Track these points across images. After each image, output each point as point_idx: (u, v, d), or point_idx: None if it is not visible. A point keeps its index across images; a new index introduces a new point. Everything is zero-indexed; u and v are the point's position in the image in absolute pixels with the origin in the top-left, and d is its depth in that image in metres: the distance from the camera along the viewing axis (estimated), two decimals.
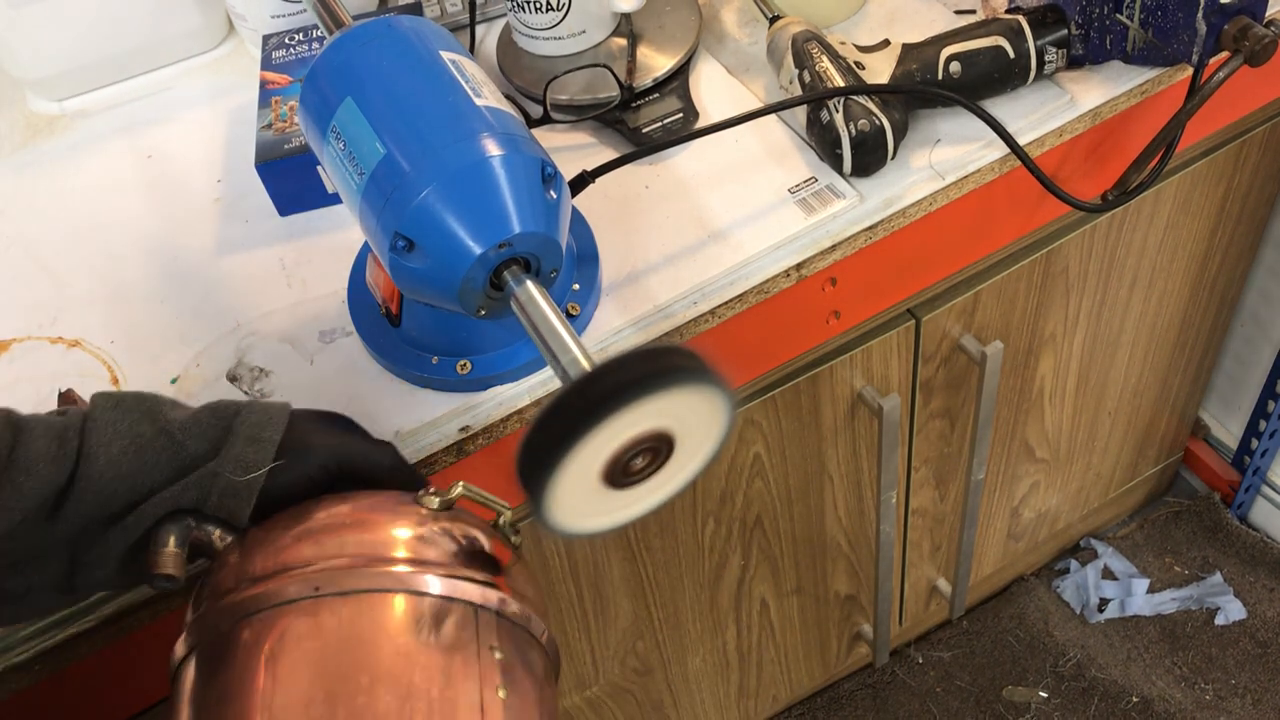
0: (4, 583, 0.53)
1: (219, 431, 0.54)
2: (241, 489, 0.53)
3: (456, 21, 0.91)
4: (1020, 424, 1.16)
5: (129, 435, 0.53)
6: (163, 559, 0.52)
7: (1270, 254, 1.25)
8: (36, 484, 0.51)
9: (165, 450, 0.53)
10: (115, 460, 0.52)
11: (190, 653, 0.51)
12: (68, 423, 0.53)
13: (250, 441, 0.54)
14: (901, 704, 1.45)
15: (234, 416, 0.55)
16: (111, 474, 0.52)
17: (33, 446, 0.51)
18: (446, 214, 0.55)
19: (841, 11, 0.86)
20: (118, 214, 0.83)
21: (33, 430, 0.52)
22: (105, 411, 0.54)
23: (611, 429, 0.44)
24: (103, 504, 0.52)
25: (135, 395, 0.55)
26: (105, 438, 0.53)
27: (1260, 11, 0.72)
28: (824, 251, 0.74)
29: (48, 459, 0.51)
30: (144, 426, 0.53)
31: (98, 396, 0.55)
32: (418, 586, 0.50)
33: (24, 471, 0.50)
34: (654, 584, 1.00)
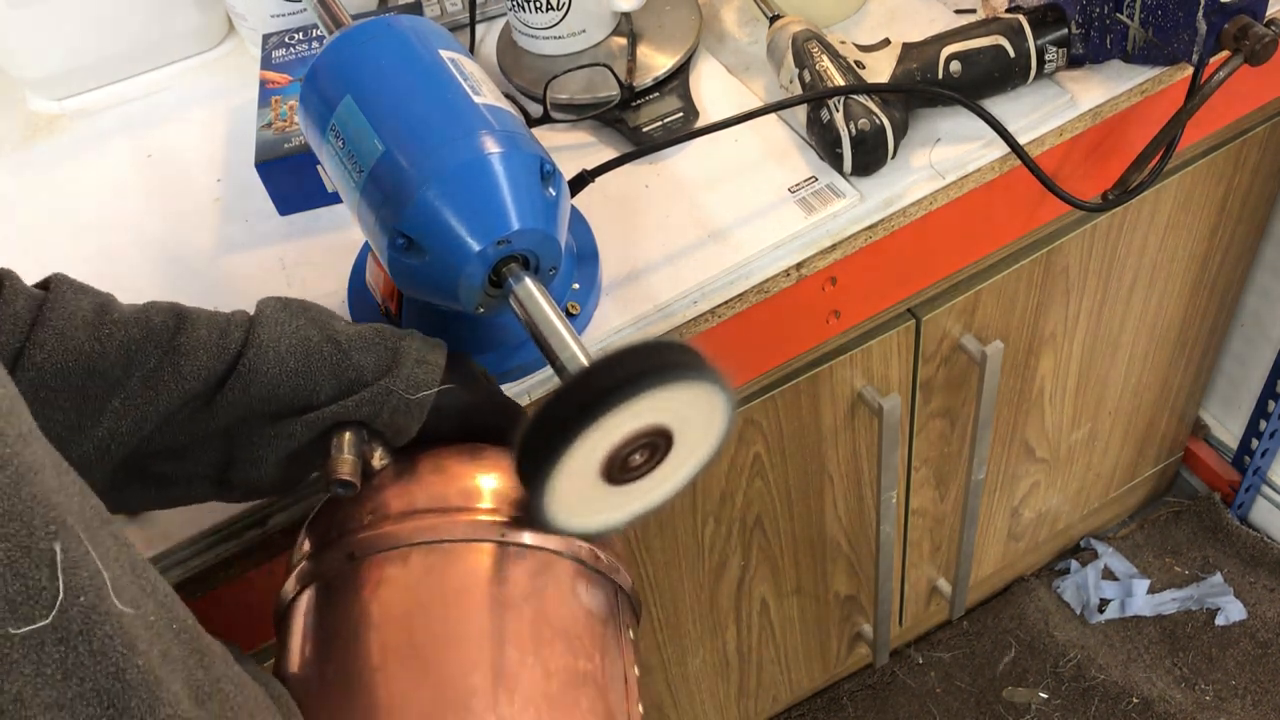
0: (160, 466, 0.54)
1: (385, 351, 0.55)
2: (413, 406, 0.54)
3: (456, 21, 0.91)
4: (1020, 424, 1.16)
5: (297, 336, 0.54)
6: (341, 464, 0.52)
7: (1271, 253, 1.25)
8: (197, 369, 0.52)
9: (331, 357, 0.54)
10: (283, 358, 0.53)
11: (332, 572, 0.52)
12: (232, 317, 0.55)
13: (419, 363, 0.55)
14: (901, 705, 1.45)
15: (400, 339, 0.56)
16: (278, 370, 0.53)
17: (195, 334, 0.53)
18: (445, 211, 0.55)
19: (841, 11, 0.86)
20: (118, 214, 0.83)
21: (196, 320, 0.54)
22: (275, 311, 0.55)
23: (610, 424, 0.44)
24: (265, 398, 0.53)
25: (301, 302, 0.57)
26: (274, 335, 0.54)
27: (1260, 11, 0.72)
28: (824, 251, 0.74)
29: (209, 347, 0.53)
30: (311, 331, 0.55)
31: (266, 299, 0.57)
32: (582, 555, 0.53)
33: (186, 356, 0.52)
34: (654, 584, 1.00)
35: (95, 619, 0.33)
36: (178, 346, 0.52)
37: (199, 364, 0.52)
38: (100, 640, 0.33)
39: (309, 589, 0.53)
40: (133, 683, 0.33)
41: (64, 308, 0.52)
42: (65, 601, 0.32)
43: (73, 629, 0.32)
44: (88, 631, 0.32)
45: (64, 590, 0.32)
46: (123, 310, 0.54)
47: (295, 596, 0.54)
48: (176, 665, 0.37)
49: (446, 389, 0.56)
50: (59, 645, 0.31)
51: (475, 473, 0.54)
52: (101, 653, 0.33)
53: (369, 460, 0.54)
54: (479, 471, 0.54)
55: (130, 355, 0.52)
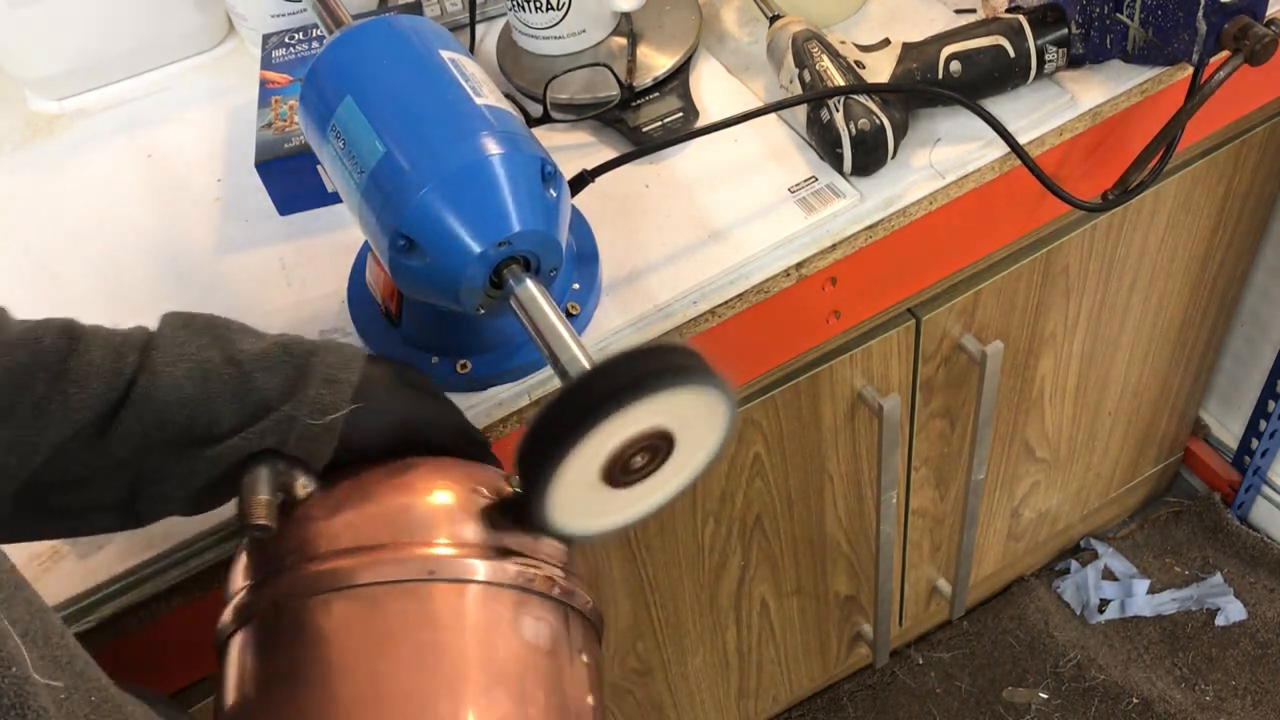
0: (58, 498, 0.51)
1: (292, 370, 0.52)
2: (320, 432, 0.51)
3: (456, 21, 0.91)
4: (1020, 424, 1.16)
5: (195, 359, 0.51)
6: (255, 507, 0.49)
7: (1271, 253, 1.25)
8: (87, 397, 0.49)
9: (232, 381, 0.51)
10: (178, 383, 0.50)
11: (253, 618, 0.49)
12: (129, 337, 0.51)
13: (326, 383, 0.52)
14: (901, 705, 1.45)
15: (309, 356, 0.52)
16: (173, 396, 0.50)
17: (87, 357, 0.50)
18: (446, 212, 0.55)
19: (841, 11, 0.86)
20: (118, 213, 0.83)
21: (90, 341, 0.50)
22: (174, 330, 0.52)
23: (611, 428, 0.44)
24: (160, 426, 0.50)
25: (207, 318, 0.54)
26: (170, 358, 0.50)
27: (1260, 11, 0.72)
28: (824, 251, 0.74)
29: (101, 372, 0.49)
30: (212, 353, 0.51)
31: (168, 315, 0.53)
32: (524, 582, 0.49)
33: (76, 383, 0.49)
34: (654, 584, 1.00)
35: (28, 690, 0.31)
36: (67, 372, 0.49)
37: (90, 392, 0.49)
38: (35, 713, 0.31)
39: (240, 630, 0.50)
40: None
41: None
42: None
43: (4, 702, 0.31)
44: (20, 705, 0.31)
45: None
46: (11, 330, 0.50)
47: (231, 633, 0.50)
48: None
49: (363, 408, 0.52)
50: None
51: (406, 497, 0.51)
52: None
53: (291, 490, 0.51)
54: (410, 495, 0.51)
55: (16, 382, 0.48)
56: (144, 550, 0.64)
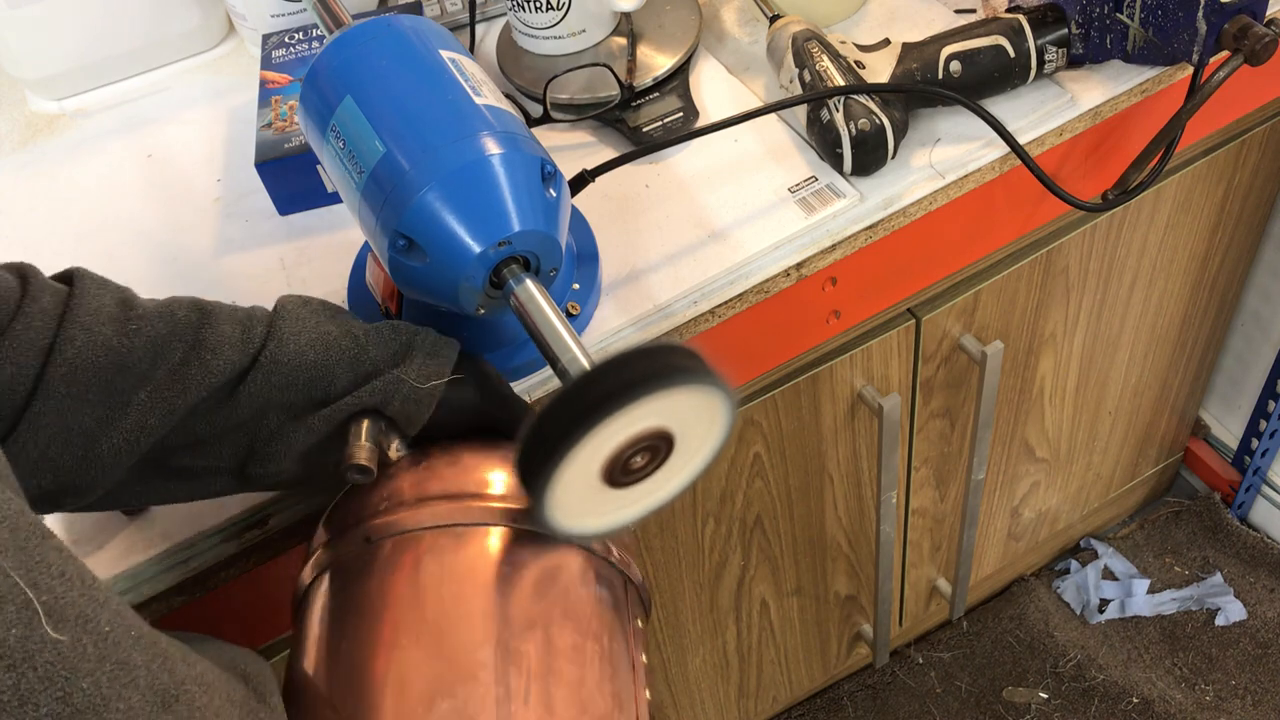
0: (182, 459, 0.55)
1: (399, 345, 0.57)
2: (423, 396, 0.56)
3: (456, 21, 0.91)
4: (1020, 424, 1.16)
5: (316, 330, 0.56)
6: (358, 451, 0.54)
7: (1270, 253, 1.25)
8: (222, 362, 0.53)
9: (349, 350, 0.56)
10: (303, 350, 0.55)
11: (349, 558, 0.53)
12: (253, 313, 0.56)
13: (431, 356, 0.57)
14: (901, 705, 1.45)
15: (414, 335, 0.58)
16: (297, 361, 0.55)
17: (219, 329, 0.54)
18: (446, 213, 0.55)
19: (841, 11, 0.86)
20: (118, 214, 0.83)
21: (219, 314, 0.55)
22: (296, 308, 0.57)
23: (611, 428, 0.44)
24: (285, 388, 0.55)
25: (322, 301, 0.59)
26: (295, 328, 0.56)
27: (1260, 11, 0.72)
28: (824, 251, 0.74)
29: (233, 341, 0.54)
30: (330, 326, 0.57)
31: (287, 295, 0.59)
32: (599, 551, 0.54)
33: (211, 350, 0.53)
34: (654, 584, 1.00)
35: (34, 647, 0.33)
36: (202, 340, 0.54)
37: (224, 358, 0.53)
38: (44, 667, 0.33)
39: (325, 575, 0.54)
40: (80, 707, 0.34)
41: (89, 303, 0.53)
42: None
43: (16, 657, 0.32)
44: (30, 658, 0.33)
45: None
46: (145, 305, 0.55)
47: (312, 582, 0.55)
48: (138, 673, 0.37)
49: (456, 381, 0.57)
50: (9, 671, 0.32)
51: (487, 463, 0.56)
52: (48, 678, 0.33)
53: (385, 450, 0.56)
54: (491, 462, 0.56)
55: (157, 349, 0.53)
56: (144, 550, 0.64)
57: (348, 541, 0.54)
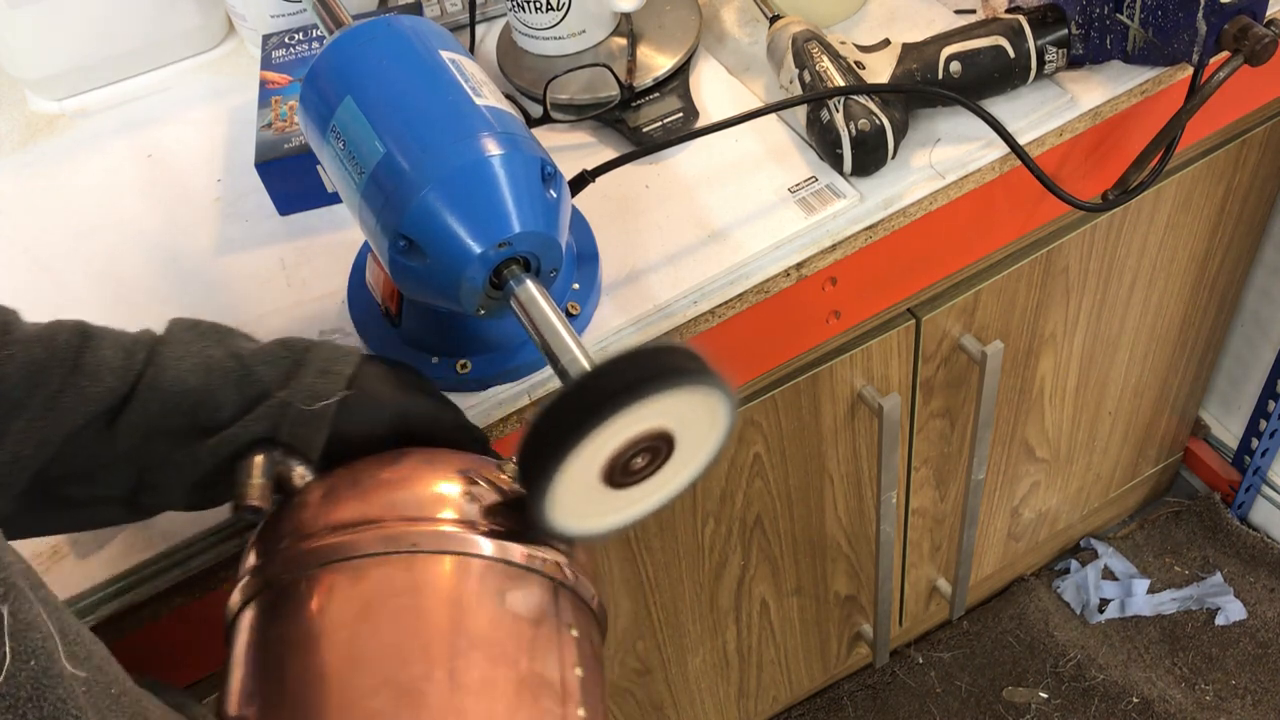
0: (66, 489, 0.53)
1: (289, 363, 0.54)
2: (312, 419, 0.53)
3: (456, 21, 0.91)
4: (1020, 424, 1.16)
5: (199, 355, 0.54)
6: (250, 490, 0.51)
7: (1270, 253, 1.25)
8: (100, 391, 0.51)
9: (233, 372, 0.53)
10: (183, 376, 0.53)
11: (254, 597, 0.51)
12: (138, 338, 0.54)
13: (321, 373, 0.54)
14: (901, 705, 1.45)
15: (305, 351, 0.55)
16: (178, 387, 0.52)
17: (100, 354, 0.52)
18: (446, 213, 0.55)
19: (841, 11, 0.86)
20: (118, 214, 0.83)
21: (102, 340, 0.53)
22: (181, 331, 0.55)
23: (611, 429, 0.44)
24: (164, 415, 0.52)
25: (213, 324, 0.57)
26: (176, 354, 0.53)
27: (1260, 11, 0.72)
28: (824, 251, 0.74)
29: (113, 368, 0.52)
30: (216, 350, 0.54)
31: (175, 319, 0.56)
32: (507, 556, 0.50)
33: (89, 377, 0.51)
34: (654, 584, 1.00)
35: (46, 683, 0.32)
36: (81, 366, 0.51)
37: (103, 385, 0.51)
38: (52, 705, 0.32)
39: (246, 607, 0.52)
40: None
41: None
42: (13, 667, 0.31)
43: (21, 695, 0.31)
44: (38, 697, 0.32)
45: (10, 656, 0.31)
46: (25, 329, 0.53)
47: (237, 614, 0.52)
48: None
49: (359, 396, 0.54)
50: (7, 712, 0.31)
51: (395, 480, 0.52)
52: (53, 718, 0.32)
53: (289, 480, 0.53)
54: (399, 478, 0.52)
55: (33, 376, 0.51)
56: (144, 550, 0.64)
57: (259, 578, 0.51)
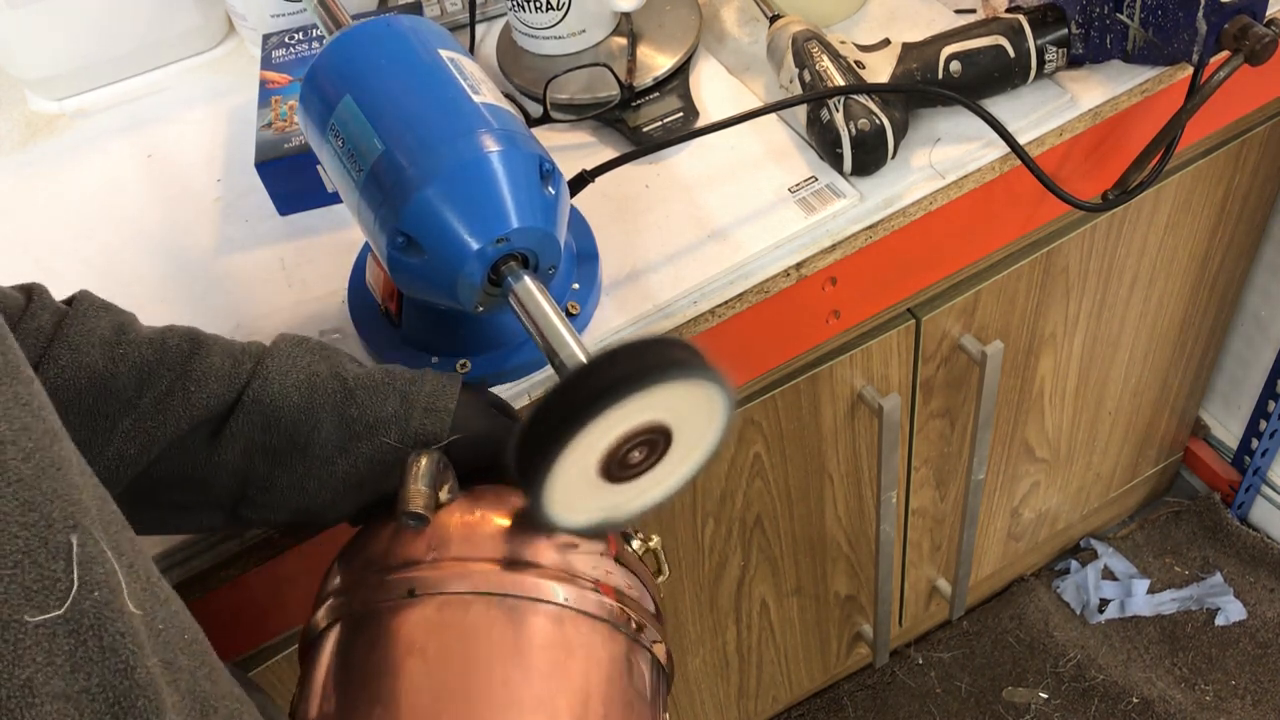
0: (169, 493, 0.54)
1: (393, 394, 0.55)
2: None
3: (456, 21, 0.91)
4: (1020, 424, 1.16)
5: (305, 370, 0.54)
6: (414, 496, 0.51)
7: (1271, 253, 1.25)
8: (206, 397, 0.52)
9: (336, 393, 0.54)
10: (286, 390, 0.53)
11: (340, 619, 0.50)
12: (246, 348, 0.55)
13: (428, 412, 0.55)
14: (901, 705, 1.45)
15: (410, 384, 0.55)
16: (281, 401, 0.53)
17: (209, 361, 0.53)
18: (444, 210, 0.55)
19: (841, 11, 0.86)
20: (118, 213, 0.83)
21: (212, 347, 0.54)
22: (288, 346, 0.55)
23: (608, 421, 0.44)
24: (265, 429, 0.53)
25: (321, 342, 0.57)
26: (283, 367, 0.54)
27: (1260, 11, 0.72)
28: (824, 251, 0.74)
29: (220, 375, 0.53)
30: (321, 366, 0.55)
31: (284, 334, 0.57)
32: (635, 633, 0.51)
33: (196, 383, 0.52)
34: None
35: (108, 615, 0.33)
36: (190, 372, 0.52)
37: (209, 391, 0.52)
38: (111, 637, 0.33)
39: (339, 623, 0.51)
40: (141, 683, 0.33)
41: (83, 325, 0.52)
42: (79, 595, 0.32)
43: (84, 623, 0.32)
44: (99, 627, 0.32)
45: (78, 583, 0.32)
46: (140, 331, 0.54)
47: (325, 629, 0.52)
48: (182, 675, 0.37)
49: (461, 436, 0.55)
50: (70, 638, 0.32)
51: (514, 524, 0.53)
52: (112, 649, 0.33)
53: (438, 490, 0.53)
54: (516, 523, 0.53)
55: (143, 377, 0.52)
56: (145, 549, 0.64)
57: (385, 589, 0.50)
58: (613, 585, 0.52)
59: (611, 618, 0.50)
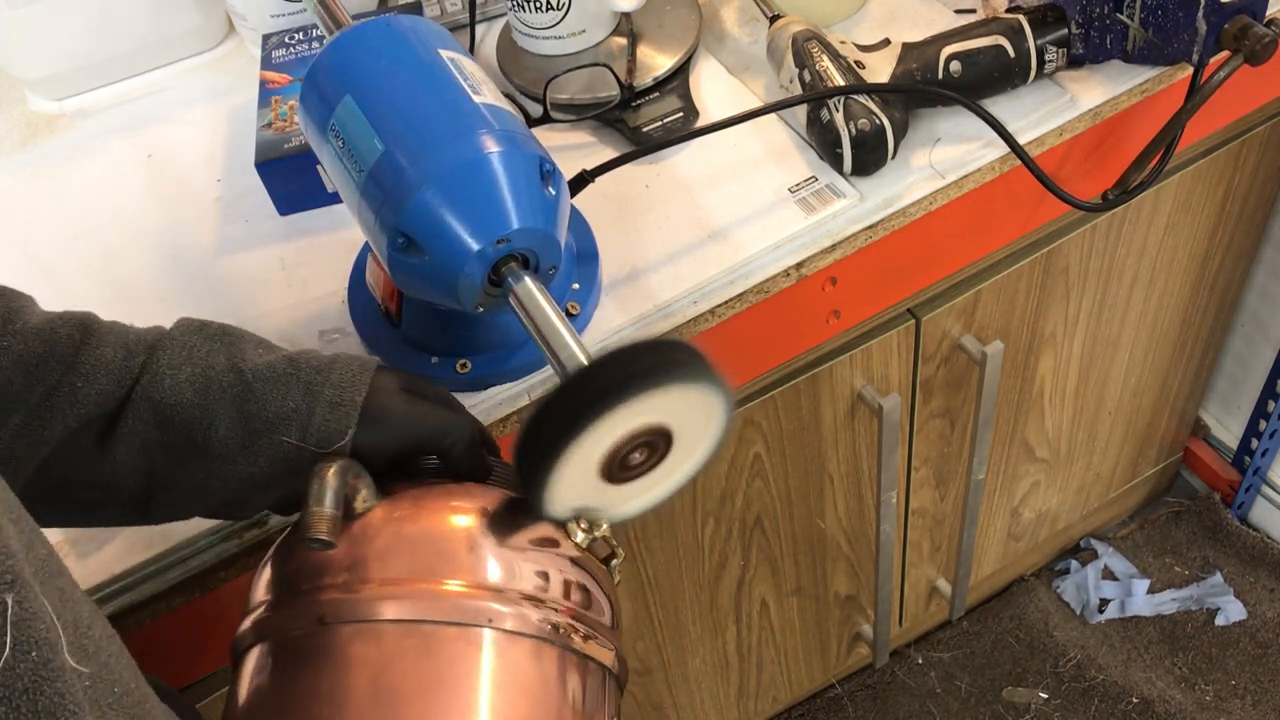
0: (72, 490, 0.50)
1: (296, 387, 0.51)
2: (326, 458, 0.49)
3: (456, 21, 0.91)
4: (1020, 424, 1.16)
5: (201, 363, 0.50)
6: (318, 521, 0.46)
7: (1270, 253, 1.25)
8: (94, 393, 0.49)
9: (233, 388, 0.50)
10: (179, 387, 0.50)
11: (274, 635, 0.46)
12: (142, 336, 0.51)
13: (332, 407, 0.50)
14: (901, 705, 1.45)
15: (315, 373, 0.51)
16: (173, 399, 0.49)
17: (99, 352, 0.49)
18: (445, 211, 0.55)
19: (842, 11, 0.86)
20: (118, 213, 0.83)
21: (104, 337, 0.50)
22: (184, 334, 0.52)
23: (609, 424, 0.44)
24: (160, 428, 0.49)
25: (222, 326, 0.53)
26: (175, 361, 0.50)
27: (1260, 11, 0.72)
28: (824, 251, 0.74)
29: (110, 370, 0.49)
30: (218, 358, 0.51)
31: (183, 319, 0.53)
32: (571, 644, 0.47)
33: (84, 377, 0.49)
34: (654, 584, 1.00)
35: (44, 676, 0.31)
36: (77, 365, 0.49)
37: (97, 387, 0.49)
38: (48, 699, 0.31)
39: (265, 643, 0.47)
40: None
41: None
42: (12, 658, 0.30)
43: (18, 687, 0.30)
44: (34, 689, 0.30)
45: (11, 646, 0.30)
46: (30, 320, 0.50)
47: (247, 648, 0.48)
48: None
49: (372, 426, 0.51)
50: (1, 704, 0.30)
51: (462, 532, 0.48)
52: (48, 712, 0.31)
53: (351, 501, 0.48)
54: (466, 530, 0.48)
55: (30, 371, 0.48)
56: (144, 550, 0.64)
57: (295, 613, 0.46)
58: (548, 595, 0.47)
59: (543, 634, 0.46)
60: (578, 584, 0.49)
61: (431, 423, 0.53)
